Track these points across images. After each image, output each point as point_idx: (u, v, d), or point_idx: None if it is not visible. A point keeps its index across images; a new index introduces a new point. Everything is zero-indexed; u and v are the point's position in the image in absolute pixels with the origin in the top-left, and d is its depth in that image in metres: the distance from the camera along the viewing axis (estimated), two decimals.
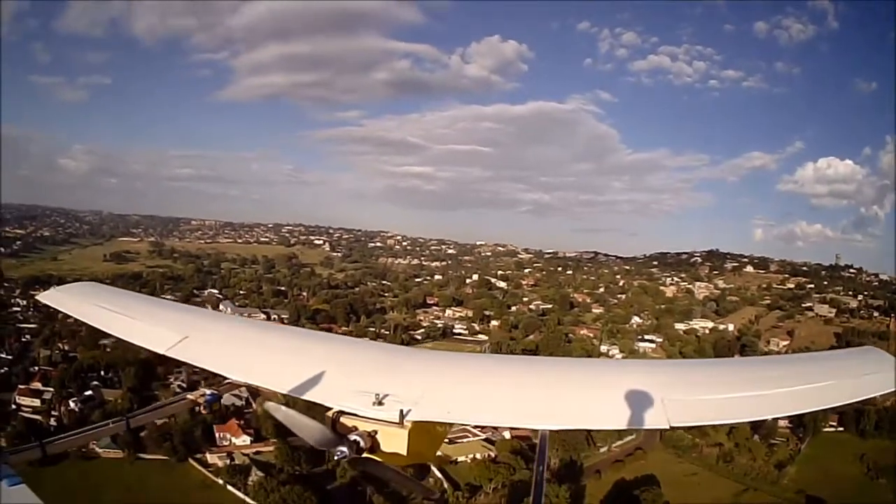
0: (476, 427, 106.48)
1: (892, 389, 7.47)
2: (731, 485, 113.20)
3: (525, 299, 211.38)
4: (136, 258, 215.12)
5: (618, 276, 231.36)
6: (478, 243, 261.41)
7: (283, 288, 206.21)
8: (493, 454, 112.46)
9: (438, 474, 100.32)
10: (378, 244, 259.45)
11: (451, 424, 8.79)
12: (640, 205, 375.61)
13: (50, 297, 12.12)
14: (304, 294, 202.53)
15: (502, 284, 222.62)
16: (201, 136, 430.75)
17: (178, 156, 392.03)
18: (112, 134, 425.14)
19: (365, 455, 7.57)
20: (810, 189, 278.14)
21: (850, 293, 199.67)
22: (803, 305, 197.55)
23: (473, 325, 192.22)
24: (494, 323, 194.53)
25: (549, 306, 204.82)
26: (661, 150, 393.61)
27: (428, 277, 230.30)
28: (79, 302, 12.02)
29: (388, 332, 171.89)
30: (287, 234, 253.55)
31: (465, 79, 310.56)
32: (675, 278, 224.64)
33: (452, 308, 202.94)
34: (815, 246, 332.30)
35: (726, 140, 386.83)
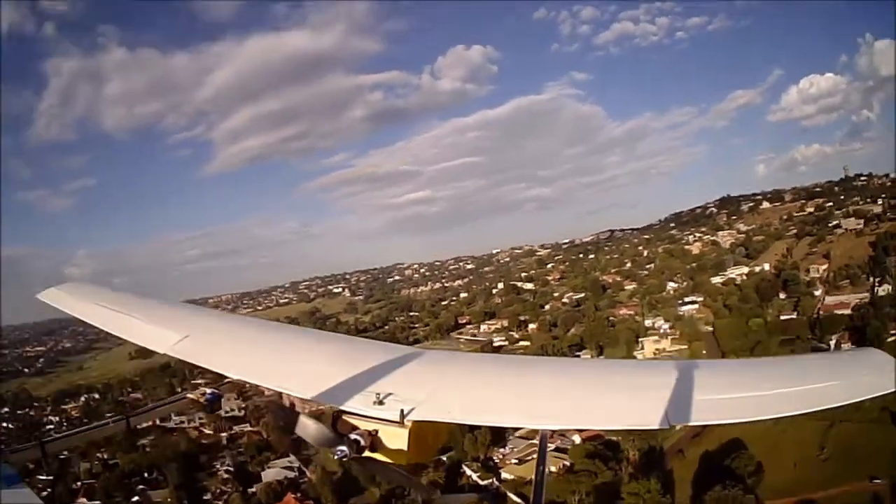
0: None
1: (893, 390, 6.75)
2: (815, 424, 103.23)
3: (556, 295, 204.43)
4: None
5: (640, 248, 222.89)
6: (494, 251, 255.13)
7: None
8: (567, 463, 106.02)
9: (518, 501, 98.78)
10: (397, 277, 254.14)
11: (452, 423, 7.93)
12: (639, 173, 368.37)
13: (50, 297, 11.53)
14: None
15: (529, 286, 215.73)
16: (199, 214, 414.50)
17: (182, 239, 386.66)
18: (110, 233, 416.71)
19: (365, 454, 7.30)
20: (799, 112, 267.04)
21: (869, 200, 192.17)
22: (830, 225, 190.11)
23: (511, 333, 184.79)
24: (532, 326, 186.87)
25: (582, 295, 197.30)
26: (646, 115, 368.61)
27: (454, 298, 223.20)
28: (79, 301, 11.42)
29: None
30: (305, 290, 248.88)
31: (440, 95, 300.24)
32: (697, 234, 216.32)
33: (486, 322, 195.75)
34: (818, 166, 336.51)
35: (707, 87, 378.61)
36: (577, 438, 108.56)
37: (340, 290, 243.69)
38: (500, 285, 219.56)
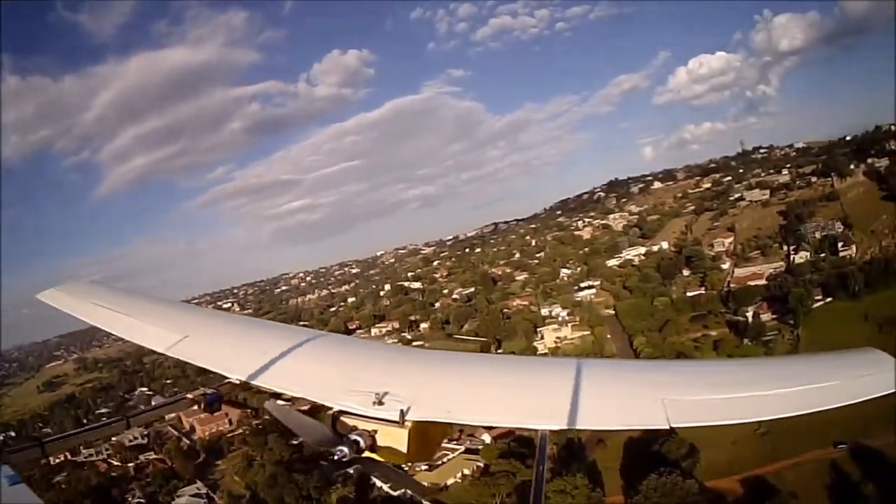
0: (449, 440, 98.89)
1: (893, 390, 6.43)
2: None
3: (445, 292, 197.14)
4: (66, 379, 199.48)
5: (527, 238, 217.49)
6: (379, 253, 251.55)
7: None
8: (481, 464, 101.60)
9: None
10: (284, 288, 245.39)
11: (451, 424, 7.71)
12: (522, 165, 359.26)
13: (49, 297, 10.74)
14: None
15: (417, 285, 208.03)
16: (93, 238, 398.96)
17: (79, 265, 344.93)
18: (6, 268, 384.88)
19: (365, 454, 6.97)
20: (688, 92, 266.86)
21: (773, 171, 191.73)
22: (732, 198, 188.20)
23: (404, 334, 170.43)
24: (424, 325, 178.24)
25: (472, 290, 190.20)
26: (527, 107, 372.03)
27: (342, 304, 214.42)
28: (78, 301, 10.65)
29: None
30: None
31: (318, 101, 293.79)
32: (586, 219, 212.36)
33: (376, 326, 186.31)
34: (711, 143, 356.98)
35: (590, 75, 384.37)
36: (486, 438, 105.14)
37: (230, 304, 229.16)
38: (388, 287, 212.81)
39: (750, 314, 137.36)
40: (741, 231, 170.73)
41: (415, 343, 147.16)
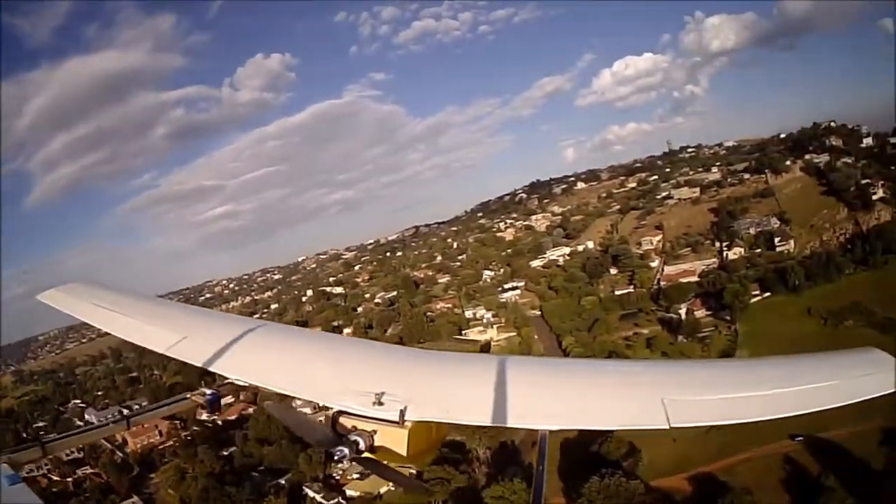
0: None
1: (893, 390, 6.63)
2: None
3: (367, 296, 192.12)
4: (6, 392, 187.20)
5: (449, 240, 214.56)
6: (300, 259, 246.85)
7: (135, 374, 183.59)
8: (414, 471, 75.91)
9: None
10: (208, 295, 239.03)
11: (450, 424, 7.83)
12: (442, 168, 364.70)
13: (49, 298, 10.89)
14: (157, 373, 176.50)
15: (339, 290, 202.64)
16: (21, 250, 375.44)
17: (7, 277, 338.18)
18: None
19: (365, 455, 7.17)
20: (613, 94, 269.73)
21: (701, 169, 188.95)
22: (658, 197, 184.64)
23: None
24: (347, 331, 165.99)
25: (394, 293, 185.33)
26: (448, 109, 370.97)
27: (265, 310, 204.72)
28: (78, 302, 10.78)
29: (245, 383, 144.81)
30: None
31: (240, 106, 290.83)
32: (508, 220, 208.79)
33: None
34: (636, 144, 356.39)
35: (512, 78, 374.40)
36: None
37: None
38: (310, 292, 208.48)
39: (683, 311, 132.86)
40: (670, 229, 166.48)
41: None
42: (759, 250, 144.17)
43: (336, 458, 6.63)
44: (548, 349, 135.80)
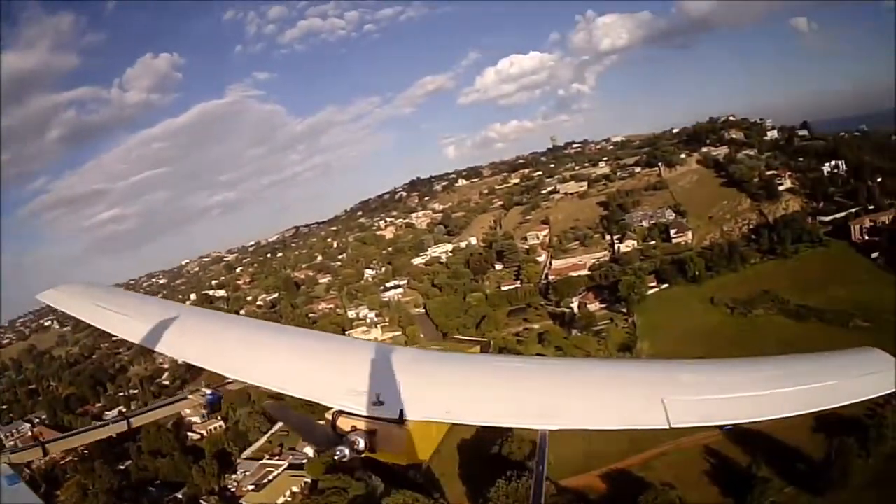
0: (271, 456, 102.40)
1: (893, 390, 6.46)
2: None
3: (249, 298, 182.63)
4: None
5: (329, 240, 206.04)
6: (183, 263, 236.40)
7: (33, 386, 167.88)
8: (309, 480, 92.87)
9: None
10: None
11: (450, 424, 7.58)
12: (322, 167, 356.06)
13: (48, 297, 10.76)
14: (53, 384, 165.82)
15: (221, 293, 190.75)
16: None
17: None
18: None
19: (364, 454, 7.07)
20: (496, 92, 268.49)
21: (588, 164, 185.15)
22: (544, 192, 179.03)
23: None
24: None
25: (276, 295, 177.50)
26: (329, 109, 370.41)
27: None
28: (78, 301, 10.57)
29: (136, 390, 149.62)
30: (21, 327, 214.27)
31: (129, 107, 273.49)
32: (388, 218, 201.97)
33: None
34: (518, 142, 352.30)
35: (395, 76, 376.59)
36: (309, 451, 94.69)
37: (49, 322, 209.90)
38: (193, 296, 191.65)
39: (575, 305, 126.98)
40: (557, 223, 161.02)
41: None
42: (653, 242, 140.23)
43: (336, 457, 6.54)
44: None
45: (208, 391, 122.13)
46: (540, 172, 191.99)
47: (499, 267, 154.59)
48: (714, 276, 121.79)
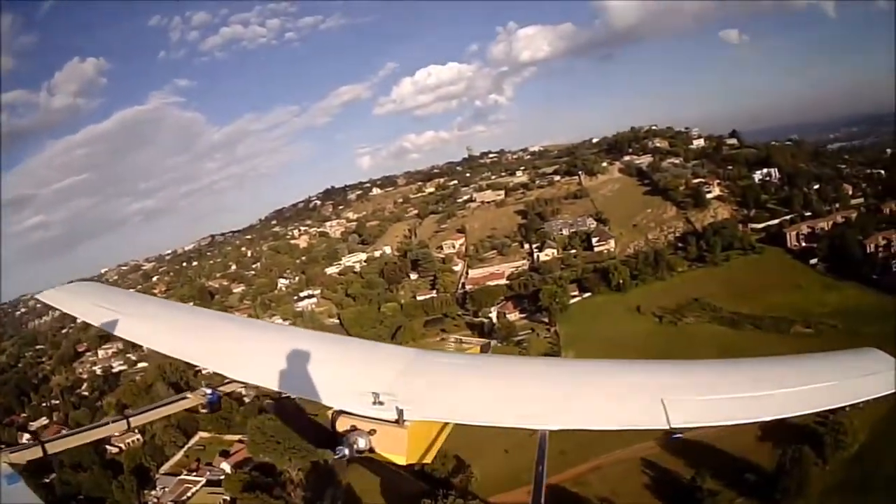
0: (189, 472, 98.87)
1: (893, 391, 6.26)
2: None
3: None
4: None
5: (243, 249, 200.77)
6: (103, 271, 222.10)
7: None
8: (227, 497, 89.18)
9: None
10: (23, 310, 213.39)
11: (450, 424, 7.53)
12: (238, 177, 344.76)
13: (49, 297, 10.44)
14: None
15: None
16: None
17: None
18: None
19: (364, 455, 6.88)
20: (412, 102, 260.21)
21: (505, 173, 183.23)
22: (459, 201, 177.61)
23: (129, 355, 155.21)
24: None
25: (190, 305, 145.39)
26: (246, 117, 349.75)
27: (72, 325, 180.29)
28: (78, 301, 10.26)
29: (57, 401, 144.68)
30: None
31: (55, 112, 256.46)
32: (302, 227, 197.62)
33: (102, 347, 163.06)
34: (433, 152, 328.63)
35: (311, 86, 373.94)
36: (226, 466, 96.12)
37: None
38: None
39: (494, 315, 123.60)
40: (473, 232, 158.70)
41: (140, 364, 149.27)
42: (574, 251, 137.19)
43: (336, 457, 6.34)
44: None
45: (208, 390, 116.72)
46: (455, 182, 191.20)
47: (414, 276, 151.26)
48: (639, 285, 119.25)
